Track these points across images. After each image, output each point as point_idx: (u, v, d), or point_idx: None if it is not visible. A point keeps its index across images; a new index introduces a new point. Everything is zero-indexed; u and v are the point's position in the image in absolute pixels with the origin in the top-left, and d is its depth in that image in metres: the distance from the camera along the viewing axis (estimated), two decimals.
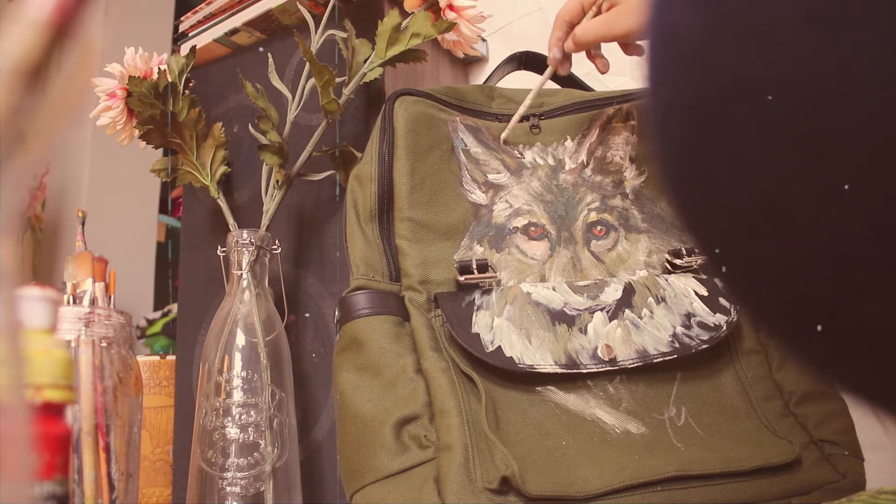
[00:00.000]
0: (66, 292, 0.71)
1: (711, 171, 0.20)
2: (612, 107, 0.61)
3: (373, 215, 0.55)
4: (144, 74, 0.69)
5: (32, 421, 0.29)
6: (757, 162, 0.18)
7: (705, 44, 0.19)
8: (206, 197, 0.81)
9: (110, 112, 0.70)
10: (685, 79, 0.20)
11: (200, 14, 0.83)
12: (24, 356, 0.18)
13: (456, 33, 0.64)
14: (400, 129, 0.55)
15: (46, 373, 0.30)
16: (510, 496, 0.44)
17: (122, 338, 0.70)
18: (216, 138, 0.72)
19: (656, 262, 0.57)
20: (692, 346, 0.52)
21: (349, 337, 0.52)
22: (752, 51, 0.18)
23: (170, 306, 1.27)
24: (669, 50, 0.20)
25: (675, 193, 0.22)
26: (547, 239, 0.56)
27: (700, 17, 0.19)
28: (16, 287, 0.18)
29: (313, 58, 0.62)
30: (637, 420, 0.50)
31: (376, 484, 0.47)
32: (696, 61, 0.19)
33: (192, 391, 0.79)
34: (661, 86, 0.21)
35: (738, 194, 0.19)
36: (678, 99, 0.20)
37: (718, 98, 0.19)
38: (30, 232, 1.49)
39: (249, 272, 0.65)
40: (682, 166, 0.21)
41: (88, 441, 0.65)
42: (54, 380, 0.30)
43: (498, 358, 0.49)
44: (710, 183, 0.20)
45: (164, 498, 0.83)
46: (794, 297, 0.20)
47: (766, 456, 0.47)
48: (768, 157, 0.18)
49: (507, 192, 0.57)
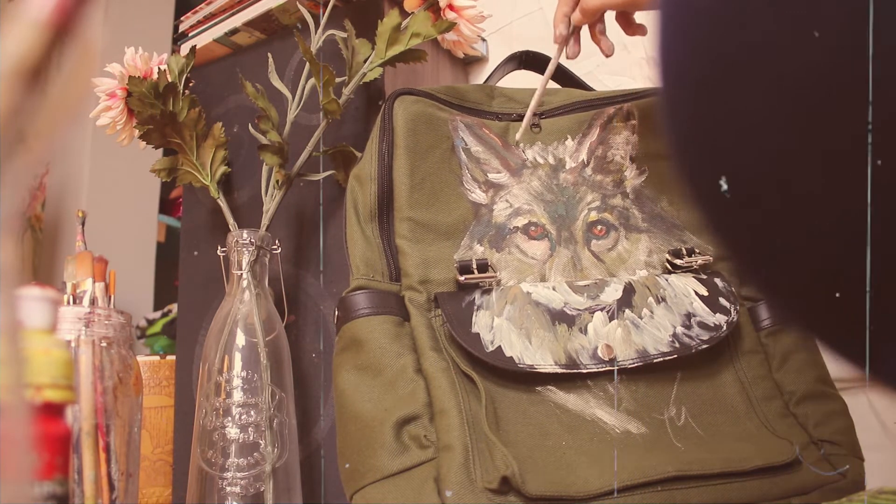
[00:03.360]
0: (66, 292, 0.71)
1: (722, 149, 0.20)
2: (612, 106, 0.61)
3: (373, 215, 0.55)
4: (144, 74, 0.69)
5: (32, 421, 0.29)
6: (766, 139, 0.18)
7: (718, 13, 0.19)
8: (206, 197, 0.81)
9: (110, 112, 0.70)
10: (697, 49, 0.20)
11: (200, 14, 0.83)
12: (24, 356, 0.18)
13: (456, 33, 0.64)
14: (400, 128, 0.55)
15: (46, 373, 0.30)
16: (510, 496, 0.44)
17: (122, 338, 0.70)
18: (216, 138, 0.72)
19: (656, 262, 0.57)
20: (692, 346, 0.52)
21: (349, 337, 0.52)
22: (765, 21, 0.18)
23: (170, 306, 1.27)
24: (681, 19, 0.20)
25: (685, 174, 0.22)
26: (547, 238, 0.56)
27: None
28: (16, 287, 0.18)
29: (313, 58, 0.62)
30: (637, 420, 0.50)
31: (376, 484, 0.47)
32: (707, 40, 0.19)
33: (192, 391, 0.79)
34: (672, 57, 0.21)
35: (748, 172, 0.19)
36: (689, 70, 0.20)
37: (728, 76, 0.19)
38: (30, 232, 1.49)
39: (249, 272, 0.65)
40: (693, 146, 0.21)
41: (88, 441, 0.65)
42: (54, 380, 0.30)
43: (498, 358, 0.49)
44: (721, 161, 0.20)
45: (164, 498, 0.83)
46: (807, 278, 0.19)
47: (766, 456, 0.47)
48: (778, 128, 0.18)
49: (508, 191, 0.57)
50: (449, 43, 0.66)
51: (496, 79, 0.65)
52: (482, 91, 0.61)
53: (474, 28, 0.64)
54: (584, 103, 0.62)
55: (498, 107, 0.61)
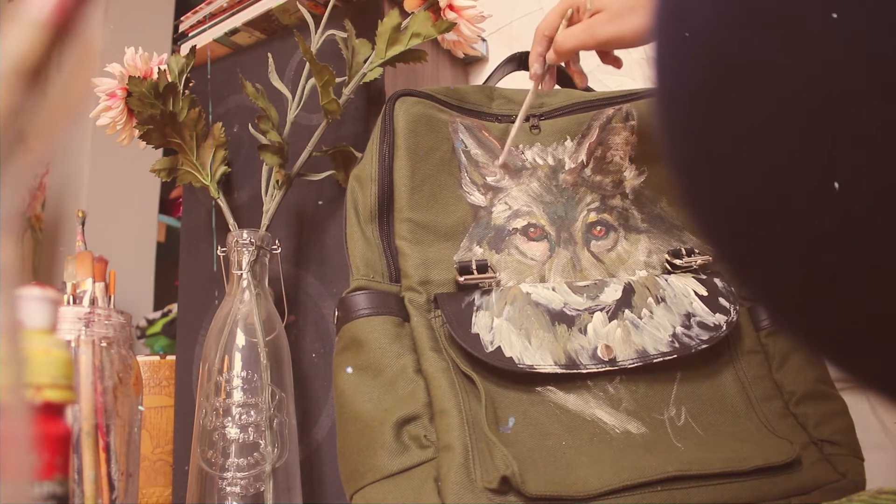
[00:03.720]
0: (66, 292, 0.71)
1: (718, 155, 0.20)
2: (611, 107, 0.61)
3: (373, 216, 0.55)
4: (144, 74, 0.69)
5: (32, 421, 0.29)
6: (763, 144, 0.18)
7: (713, 25, 0.19)
8: (206, 197, 0.81)
9: (110, 112, 0.70)
10: (692, 61, 0.20)
11: (200, 14, 0.83)
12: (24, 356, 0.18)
13: (456, 33, 0.64)
14: (400, 129, 0.55)
15: (46, 373, 0.30)
16: (510, 496, 0.44)
17: (122, 338, 0.70)
18: (216, 138, 0.72)
19: (656, 263, 0.57)
20: (692, 346, 0.52)
21: (349, 337, 0.52)
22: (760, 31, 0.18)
23: (170, 306, 1.27)
24: (676, 32, 0.20)
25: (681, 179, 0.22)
26: (546, 240, 0.56)
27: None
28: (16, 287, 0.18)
29: (313, 58, 0.62)
30: (637, 420, 0.50)
31: (376, 484, 0.47)
32: (704, 43, 0.19)
33: (192, 391, 0.79)
34: (668, 70, 0.21)
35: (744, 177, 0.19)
36: (685, 82, 0.20)
37: (725, 80, 0.19)
38: (30, 232, 1.49)
39: (249, 272, 0.65)
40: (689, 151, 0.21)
41: (88, 441, 0.65)
42: (54, 380, 0.30)
43: (498, 358, 0.49)
44: (717, 167, 0.20)
45: (164, 498, 0.83)
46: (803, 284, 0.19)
47: (766, 456, 0.47)
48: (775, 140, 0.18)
49: (507, 193, 0.57)
50: (449, 43, 0.66)
51: (496, 79, 0.65)
52: (482, 92, 0.61)
53: (474, 28, 0.64)
54: (583, 104, 0.62)
55: (498, 108, 0.61)
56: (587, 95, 0.63)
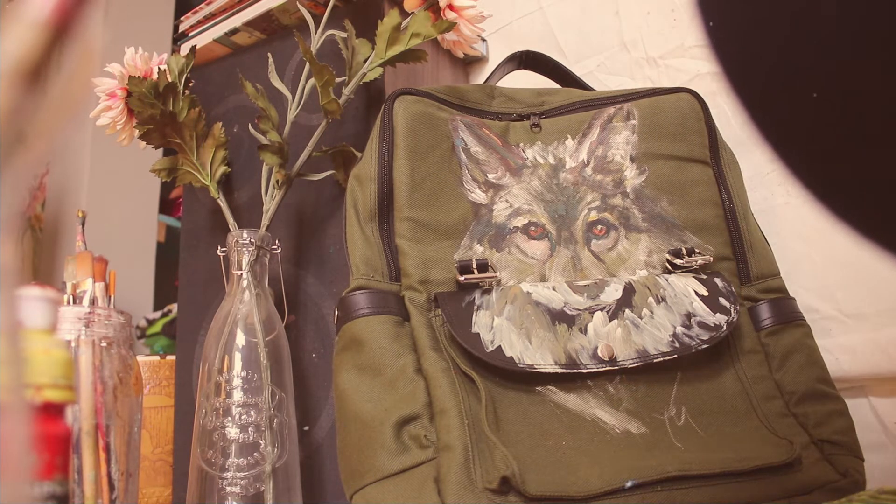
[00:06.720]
0: (66, 292, 0.71)
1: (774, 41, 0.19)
2: (612, 106, 0.61)
3: (373, 215, 0.55)
4: (144, 74, 0.69)
5: (32, 421, 0.29)
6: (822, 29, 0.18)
7: None
8: (206, 197, 0.81)
9: (110, 112, 0.70)
10: None
11: (200, 14, 0.83)
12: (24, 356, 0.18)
13: (456, 33, 0.64)
14: (400, 128, 0.55)
15: (46, 373, 0.30)
16: (510, 496, 0.44)
17: (122, 338, 0.70)
18: (216, 138, 0.72)
19: (656, 262, 0.57)
20: (692, 345, 0.52)
21: (349, 337, 0.52)
22: None
23: (170, 306, 1.27)
24: None
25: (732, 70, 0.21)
26: (547, 238, 0.56)
27: None
28: (16, 287, 0.18)
29: (313, 58, 0.62)
30: (637, 420, 0.50)
31: (376, 484, 0.47)
32: None
33: (192, 391, 0.79)
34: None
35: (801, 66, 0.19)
36: None
37: None
38: (30, 232, 1.49)
39: (249, 272, 0.65)
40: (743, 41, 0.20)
41: (88, 441, 0.65)
42: (54, 380, 0.30)
43: (498, 358, 0.49)
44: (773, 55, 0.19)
45: (164, 498, 0.83)
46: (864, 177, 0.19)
47: (766, 456, 0.47)
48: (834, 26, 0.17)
49: (508, 191, 0.57)
50: (449, 43, 0.66)
51: (496, 79, 0.65)
52: (482, 91, 0.61)
53: (474, 28, 0.64)
54: (584, 103, 0.62)
55: (498, 107, 0.61)
56: (588, 94, 0.63)
